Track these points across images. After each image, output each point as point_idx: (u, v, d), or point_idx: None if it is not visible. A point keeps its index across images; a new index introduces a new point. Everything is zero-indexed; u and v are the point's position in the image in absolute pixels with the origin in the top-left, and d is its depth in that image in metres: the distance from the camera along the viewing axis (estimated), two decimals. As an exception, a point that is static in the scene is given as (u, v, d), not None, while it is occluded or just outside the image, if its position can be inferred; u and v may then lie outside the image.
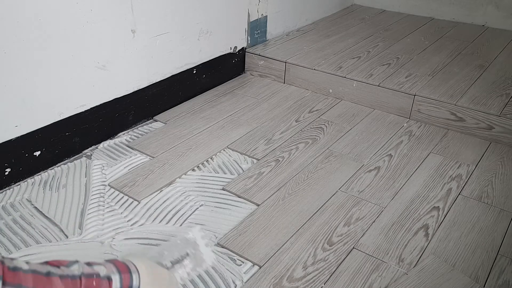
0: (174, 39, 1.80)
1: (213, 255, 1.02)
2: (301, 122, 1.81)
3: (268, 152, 1.61)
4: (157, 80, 1.80)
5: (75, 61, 1.47)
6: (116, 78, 1.63)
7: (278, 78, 2.15)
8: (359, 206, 1.37)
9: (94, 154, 1.59)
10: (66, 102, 1.49)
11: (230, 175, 1.50)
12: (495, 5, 2.59)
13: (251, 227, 1.28)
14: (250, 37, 2.21)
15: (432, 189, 1.45)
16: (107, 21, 1.53)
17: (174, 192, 1.41)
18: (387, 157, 1.61)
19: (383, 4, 2.93)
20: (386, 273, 1.14)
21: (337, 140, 1.70)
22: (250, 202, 1.38)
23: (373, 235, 1.26)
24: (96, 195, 1.39)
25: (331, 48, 2.27)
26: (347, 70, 2.02)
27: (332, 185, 1.45)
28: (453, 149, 1.67)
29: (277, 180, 1.47)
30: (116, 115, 1.68)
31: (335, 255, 1.20)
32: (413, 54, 2.23)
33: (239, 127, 1.76)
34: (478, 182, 1.49)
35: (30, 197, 1.37)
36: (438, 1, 2.75)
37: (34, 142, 1.44)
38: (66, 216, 1.30)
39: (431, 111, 1.81)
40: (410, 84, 1.91)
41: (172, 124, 1.77)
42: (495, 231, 1.29)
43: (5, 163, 1.38)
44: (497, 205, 1.39)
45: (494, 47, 2.33)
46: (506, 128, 1.68)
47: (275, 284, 1.11)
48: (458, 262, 1.18)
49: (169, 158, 1.56)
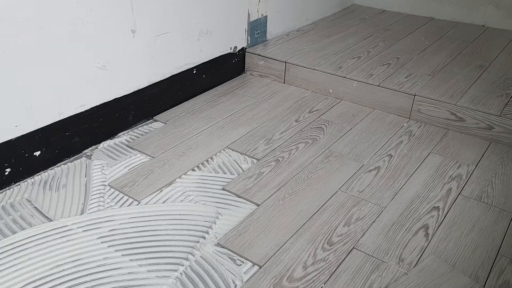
0: (174, 39, 1.80)
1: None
2: (301, 122, 1.81)
3: (268, 152, 1.61)
4: (157, 80, 1.80)
5: (75, 61, 1.47)
6: (116, 78, 1.63)
7: (278, 78, 2.15)
8: (359, 206, 1.37)
9: (94, 154, 1.59)
10: (66, 102, 1.49)
11: (230, 175, 1.50)
12: (495, 5, 2.59)
13: (251, 227, 1.28)
14: (250, 37, 2.21)
15: (432, 189, 1.45)
16: (107, 21, 1.53)
17: (174, 192, 1.41)
18: (387, 157, 1.61)
19: (383, 4, 2.93)
20: (386, 273, 1.14)
21: (337, 140, 1.70)
22: (250, 202, 1.38)
23: (373, 235, 1.26)
24: (96, 195, 1.39)
25: (331, 48, 2.27)
26: (347, 70, 2.02)
27: (332, 185, 1.45)
28: (453, 149, 1.67)
29: (277, 180, 1.47)
30: (116, 115, 1.68)
31: (335, 255, 1.20)
32: (413, 54, 2.23)
33: (239, 127, 1.76)
34: (478, 182, 1.49)
35: (30, 197, 1.37)
36: (438, 1, 2.75)
37: (34, 142, 1.44)
38: (66, 216, 1.30)
39: (431, 111, 1.81)
40: (410, 84, 1.91)
41: (172, 124, 1.77)
42: (495, 231, 1.29)
43: (5, 163, 1.38)
44: (497, 205, 1.39)
45: (494, 47, 2.33)
46: (506, 128, 1.68)
47: (275, 284, 1.11)
48: (458, 262, 1.18)
49: (169, 158, 1.56)
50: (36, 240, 1.21)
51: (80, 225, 1.27)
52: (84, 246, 1.20)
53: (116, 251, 1.19)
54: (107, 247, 1.20)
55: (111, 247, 1.21)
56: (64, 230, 1.25)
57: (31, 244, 1.20)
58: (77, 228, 1.26)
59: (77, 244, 1.21)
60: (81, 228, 1.26)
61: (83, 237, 1.23)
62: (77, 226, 1.26)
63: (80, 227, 1.26)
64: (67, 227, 1.26)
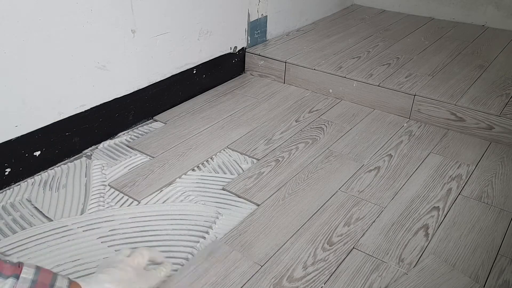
0: (174, 39, 1.80)
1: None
2: (301, 122, 1.81)
3: (268, 152, 1.61)
4: (157, 80, 1.80)
5: (75, 61, 1.47)
6: (116, 78, 1.63)
7: (278, 78, 2.15)
8: (359, 206, 1.37)
9: (94, 154, 1.59)
10: (66, 102, 1.49)
11: (230, 175, 1.50)
12: (495, 5, 2.59)
13: (251, 227, 1.28)
14: (250, 37, 2.21)
15: (432, 189, 1.45)
16: (107, 21, 1.53)
17: (174, 192, 1.41)
18: (387, 157, 1.61)
19: (383, 4, 2.93)
20: (386, 273, 1.14)
21: (337, 140, 1.70)
22: (250, 202, 1.38)
23: (373, 235, 1.26)
24: (96, 195, 1.39)
25: (331, 48, 2.27)
26: (347, 70, 2.02)
27: (332, 185, 1.45)
28: (453, 149, 1.67)
29: (277, 180, 1.47)
30: (116, 115, 1.68)
31: (335, 255, 1.20)
32: (413, 54, 2.23)
33: (239, 127, 1.76)
34: (478, 182, 1.49)
35: (30, 197, 1.37)
36: (438, 1, 2.75)
37: (34, 142, 1.44)
38: (66, 216, 1.30)
39: (431, 111, 1.81)
40: (410, 84, 1.91)
41: (172, 124, 1.77)
42: (495, 231, 1.29)
43: (5, 163, 1.38)
44: (497, 205, 1.39)
45: (494, 47, 2.33)
46: (506, 128, 1.68)
47: (275, 284, 1.11)
48: (458, 262, 1.18)
49: (169, 158, 1.56)
50: (36, 240, 1.21)
51: (80, 225, 1.27)
52: (84, 246, 1.20)
53: (116, 251, 1.19)
54: (107, 247, 1.20)
55: (111, 247, 1.21)
56: (64, 230, 1.25)
57: (31, 244, 1.20)
58: (77, 228, 1.26)
59: (77, 244, 1.21)
60: (81, 228, 1.26)
61: (83, 237, 1.23)
62: (77, 226, 1.26)
63: (80, 227, 1.26)
64: (67, 227, 1.26)
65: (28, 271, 0.68)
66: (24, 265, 0.68)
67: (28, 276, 0.67)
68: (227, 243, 1.22)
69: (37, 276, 0.68)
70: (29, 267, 0.68)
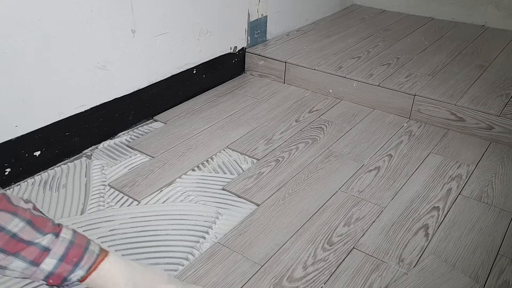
0: (174, 39, 1.80)
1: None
2: (301, 122, 1.81)
3: (268, 152, 1.61)
4: (157, 80, 1.80)
5: (75, 61, 1.47)
6: (116, 78, 1.63)
7: (278, 78, 2.15)
8: (359, 206, 1.37)
9: (94, 154, 1.59)
10: (66, 102, 1.49)
11: (230, 175, 1.50)
12: (495, 5, 2.59)
13: (251, 227, 1.28)
14: (250, 37, 2.21)
15: (432, 189, 1.45)
16: (107, 21, 1.53)
17: (174, 192, 1.41)
18: (387, 157, 1.61)
19: (383, 4, 2.93)
20: (386, 273, 1.14)
21: (337, 140, 1.70)
22: (250, 202, 1.38)
23: (373, 235, 1.26)
24: (96, 195, 1.39)
25: (331, 48, 2.27)
26: (347, 70, 2.02)
27: (332, 185, 1.45)
28: (453, 149, 1.67)
29: (277, 180, 1.47)
30: (116, 115, 1.68)
31: (335, 255, 1.20)
32: (413, 54, 2.23)
33: (239, 127, 1.76)
34: (478, 182, 1.49)
35: (30, 197, 1.37)
36: (438, 1, 2.75)
37: (34, 142, 1.44)
38: (66, 216, 1.30)
39: (431, 111, 1.81)
40: (410, 84, 1.91)
41: (172, 124, 1.77)
42: (495, 231, 1.29)
43: (5, 163, 1.38)
44: (497, 205, 1.39)
45: (494, 47, 2.33)
46: (506, 128, 1.68)
47: (275, 284, 1.11)
48: (458, 262, 1.18)
49: (169, 158, 1.56)
50: (36, 240, 1.21)
51: (80, 225, 1.27)
52: (84, 246, 1.20)
53: (116, 251, 1.19)
54: (107, 247, 1.20)
55: (111, 247, 1.21)
56: (64, 230, 1.25)
57: (31, 244, 1.20)
58: (77, 228, 1.26)
59: (77, 244, 1.21)
60: (81, 228, 1.26)
61: (83, 237, 1.23)
62: (77, 226, 1.26)
63: (80, 227, 1.26)
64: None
65: (67, 232, 0.74)
66: (63, 227, 0.74)
67: (67, 236, 0.73)
68: (227, 243, 1.22)
69: (74, 238, 0.74)
70: (68, 229, 0.74)
